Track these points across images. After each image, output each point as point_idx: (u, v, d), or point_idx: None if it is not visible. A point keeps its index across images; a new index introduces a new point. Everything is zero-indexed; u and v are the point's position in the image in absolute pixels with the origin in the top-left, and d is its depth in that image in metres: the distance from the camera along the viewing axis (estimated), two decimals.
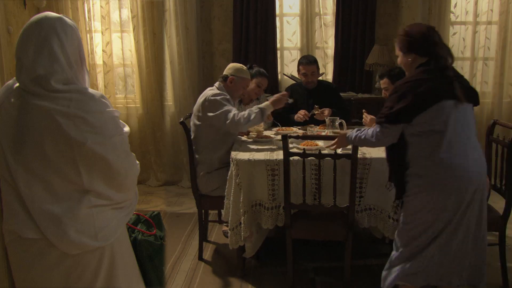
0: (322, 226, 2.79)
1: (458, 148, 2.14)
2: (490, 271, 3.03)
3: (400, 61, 2.31)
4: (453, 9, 4.83)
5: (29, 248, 1.56)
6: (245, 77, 3.28)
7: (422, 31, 2.22)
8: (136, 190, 1.77)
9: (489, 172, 2.98)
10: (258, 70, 3.75)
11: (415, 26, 2.29)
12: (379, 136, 2.24)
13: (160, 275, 1.95)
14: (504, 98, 4.88)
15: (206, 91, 3.25)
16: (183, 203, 4.50)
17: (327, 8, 4.92)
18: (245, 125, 3.03)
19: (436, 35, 2.22)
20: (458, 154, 2.14)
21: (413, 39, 2.22)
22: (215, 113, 3.07)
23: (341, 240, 2.76)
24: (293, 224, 2.75)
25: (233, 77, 3.23)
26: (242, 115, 3.01)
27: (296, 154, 2.64)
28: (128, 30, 4.87)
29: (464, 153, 2.15)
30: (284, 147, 2.61)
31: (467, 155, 2.16)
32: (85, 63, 1.65)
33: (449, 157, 2.13)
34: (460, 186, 2.14)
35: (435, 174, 2.14)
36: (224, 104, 3.07)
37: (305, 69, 3.83)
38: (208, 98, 3.12)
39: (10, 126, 1.52)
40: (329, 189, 2.68)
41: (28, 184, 1.51)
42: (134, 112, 5.01)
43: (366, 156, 2.74)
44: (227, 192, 2.91)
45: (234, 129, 3.07)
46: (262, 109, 3.08)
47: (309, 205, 2.72)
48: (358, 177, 2.65)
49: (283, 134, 2.66)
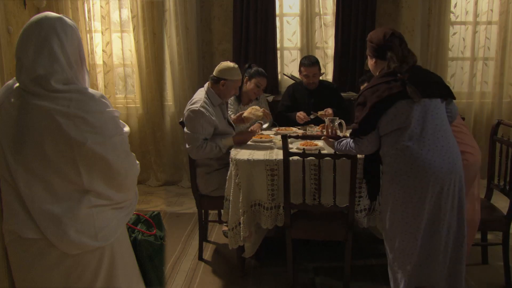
0: (322, 226, 2.79)
1: (423, 142, 2.21)
2: (494, 271, 3.04)
3: (369, 64, 2.45)
4: (453, 9, 4.82)
5: (29, 248, 1.56)
6: (236, 79, 3.21)
7: (379, 36, 2.34)
8: (136, 190, 1.77)
9: (492, 172, 2.99)
10: (257, 70, 3.74)
11: (376, 31, 2.41)
12: (357, 149, 2.38)
13: (160, 275, 1.95)
14: (504, 98, 4.88)
15: (194, 97, 3.21)
16: (183, 203, 4.50)
17: (327, 8, 4.92)
18: (201, 157, 3.09)
19: (396, 39, 2.31)
20: (423, 147, 2.21)
21: (373, 44, 2.36)
22: (186, 129, 3.09)
23: (341, 240, 2.76)
24: (293, 224, 2.75)
25: (224, 81, 3.17)
26: (201, 150, 3.03)
27: (296, 154, 2.64)
28: (128, 30, 4.87)
29: (431, 147, 2.21)
30: (284, 147, 2.62)
31: (434, 149, 2.21)
32: (85, 63, 1.65)
33: (414, 148, 2.21)
34: (423, 176, 2.19)
35: (400, 160, 2.23)
36: (197, 131, 3.05)
37: (306, 71, 3.82)
38: (188, 110, 3.10)
39: (10, 126, 1.52)
40: (328, 189, 2.68)
41: (28, 184, 1.51)
42: (134, 112, 5.01)
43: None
44: (226, 192, 2.91)
45: (191, 155, 3.12)
46: (222, 147, 3.08)
47: (309, 205, 2.71)
48: (358, 177, 2.65)
49: (283, 134, 2.66)
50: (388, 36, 2.31)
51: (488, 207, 2.92)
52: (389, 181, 2.30)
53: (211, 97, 3.18)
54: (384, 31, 2.35)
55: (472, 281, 2.92)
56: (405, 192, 2.23)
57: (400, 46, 2.29)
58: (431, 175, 2.19)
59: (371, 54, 2.40)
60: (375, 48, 2.35)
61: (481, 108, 4.92)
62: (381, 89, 2.23)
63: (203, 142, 3.05)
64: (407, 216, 2.25)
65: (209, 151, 3.05)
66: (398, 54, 2.27)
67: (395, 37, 2.31)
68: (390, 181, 2.28)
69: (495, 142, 3.00)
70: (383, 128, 2.27)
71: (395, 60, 2.27)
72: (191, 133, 3.05)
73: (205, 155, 3.07)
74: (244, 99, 3.88)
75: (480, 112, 4.90)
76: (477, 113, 4.94)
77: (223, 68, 3.21)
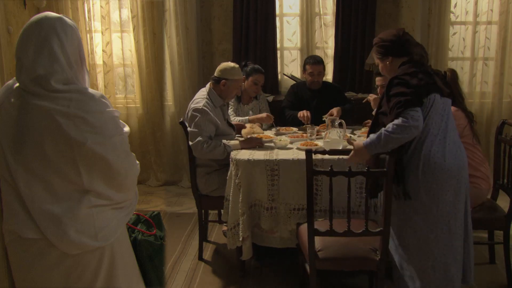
0: (351, 254, 2.39)
1: (438, 140, 2.22)
2: (495, 270, 3.04)
3: (381, 68, 2.43)
4: (453, 9, 4.82)
5: (29, 248, 1.56)
6: (237, 79, 3.23)
7: (392, 34, 2.37)
8: (136, 190, 1.77)
9: (497, 172, 3.01)
10: (253, 67, 3.73)
11: (385, 33, 2.43)
12: (413, 122, 2.08)
13: (160, 275, 1.95)
14: (504, 98, 4.87)
15: (195, 98, 3.22)
16: (183, 203, 4.49)
17: (327, 8, 4.92)
18: (205, 155, 3.05)
19: (408, 36, 2.37)
20: (436, 144, 2.22)
21: (386, 43, 2.37)
22: (189, 128, 3.09)
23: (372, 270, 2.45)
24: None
25: (225, 80, 3.18)
26: (206, 147, 3.01)
27: (323, 173, 2.27)
28: (128, 30, 4.87)
29: (443, 145, 2.22)
30: (307, 163, 2.24)
31: (445, 146, 2.22)
32: (85, 63, 1.65)
33: (429, 145, 2.21)
34: (440, 175, 2.20)
35: (417, 163, 2.22)
36: (202, 128, 3.05)
37: (312, 69, 3.82)
38: (190, 110, 3.11)
39: (10, 126, 1.52)
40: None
41: (28, 184, 1.51)
42: (134, 112, 5.01)
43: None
44: (226, 192, 2.90)
45: (195, 153, 3.09)
46: (227, 146, 3.06)
47: (338, 233, 2.31)
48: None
49: (307, 149, 2.28)
50: (402, 32, 2.37)
51: (491, 207, 2.92)
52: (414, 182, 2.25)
53: (212, 98, 3.18)
54: (395, 30, 2.39)
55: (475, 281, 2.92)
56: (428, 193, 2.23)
57: (416, 41, 2.37)
58: (446, 171, 2.21)
59: (386, 54, 2.38)
60: (390, 46, 2.35)
61: (481, 108, 4.92)
62: (419, 76, 2.20)
63: (207, 139, 3.05)
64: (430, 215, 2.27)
65: (213, 147, 3.02)
66: (418, 47, 2.32)
67: (407, 33, 2.38)
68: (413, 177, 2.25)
69: (500, 142, 3.02)
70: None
71: (421, 52, 2.30)
72: (197, 130, 3.05)
73: (209, 152, 3.02)
74: (244, 98, 3.88)
75: (480, 112, 4.90)
76: (477, 113, 4.92)
77: (224, 68, 3.21)
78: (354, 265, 2.45)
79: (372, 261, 2.35)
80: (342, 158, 2.59)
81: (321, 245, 2.38)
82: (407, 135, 2.12)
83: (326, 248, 2.38)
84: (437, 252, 2.26)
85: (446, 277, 2.28)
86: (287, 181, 2.77)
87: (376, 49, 2.42)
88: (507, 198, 2.87)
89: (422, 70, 2.25)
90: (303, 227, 2.50)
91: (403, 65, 2.32)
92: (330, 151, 2.41)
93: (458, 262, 2.30)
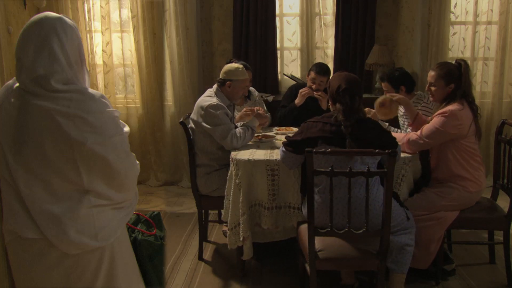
0: (352, 255, 2.39)
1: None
2: (495, 270, 3.04)
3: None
4: (453, 9, 4.82)
5: (29, 248, 1.56)
6: (241, 79, 3.24)
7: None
8: (136, 190, 1.77)
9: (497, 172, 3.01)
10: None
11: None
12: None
13: (160, 275, 1.95)
14: (504, 98, 4.87)
15: (204, 96, 3.23)
16: (183, 203, 4.49)
17: (327, 8, 4.92)
18: (241, 144, 3.07)
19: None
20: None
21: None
22: (214, 127, 3.07)
23: (373, 270, 2.46)
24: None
25: (230, 82, 3.20)
26: (238, 137, 3.05)
27: (323, 173, 2.25)
28: (128, 30, 4.87)
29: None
30: (308, 163, 2.23)
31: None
32: (85, 63, 1.65)
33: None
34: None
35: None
36: (224, 121, 3.07)
37: (315, 77, 3.77)
38: (205, 108, 3.11)
39: (10, 126, 1.52)
40: (357, 211, 2.33)
41: (28, 184, 1.51)
42: (134, 112, 5.01)
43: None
44: (226, 192, 2.90)
45: (228, 147, 3.09)
46: (251, 127, 3.14)
47: (339, 233, 2.32)
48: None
49: (308, 150, 2.25)
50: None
51: (490, 207, 2.93)
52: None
53: (220, 97, 3.20)
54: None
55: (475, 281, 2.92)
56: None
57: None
58: None
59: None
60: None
61: (481, 108, 4.86)
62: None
63: (235, 132, 3.08)
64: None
65: (244, 134, 3.08)
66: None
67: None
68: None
69: (500, 142, 3.02)
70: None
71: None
72: (224, 125, 3.06)
73: (244, 139, 3.08)
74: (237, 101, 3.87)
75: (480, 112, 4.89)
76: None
77: (228, 69, 3.24)
78: (354, 265, 2.46)
79: (372, 261, 2.36)
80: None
81: (321, 245, 2.39)
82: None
83: (326, 248, 2.39)
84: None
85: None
86: (287, 180, 2.77)
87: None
88: (507, 198, 2.88)
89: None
90: (303, 227, 2.50)
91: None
92: (330, 151, 2.36)
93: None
